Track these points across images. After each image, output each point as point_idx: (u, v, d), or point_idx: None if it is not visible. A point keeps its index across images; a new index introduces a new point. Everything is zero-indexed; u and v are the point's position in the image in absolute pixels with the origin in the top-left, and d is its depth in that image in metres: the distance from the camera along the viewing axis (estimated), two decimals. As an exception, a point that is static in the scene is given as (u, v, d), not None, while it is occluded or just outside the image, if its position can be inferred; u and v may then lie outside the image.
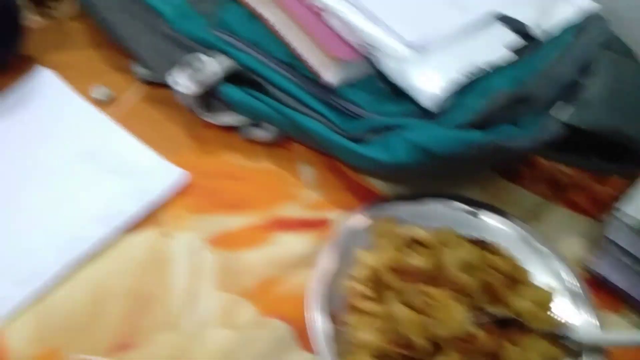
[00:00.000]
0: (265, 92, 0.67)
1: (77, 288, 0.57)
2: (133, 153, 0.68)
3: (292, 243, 0.62)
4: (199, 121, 0.74)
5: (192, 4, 0.75)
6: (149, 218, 0.62)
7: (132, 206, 0.62)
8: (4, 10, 0.70)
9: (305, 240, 0.62)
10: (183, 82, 0.66)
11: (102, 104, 0.75)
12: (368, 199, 0.66)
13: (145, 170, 0.66)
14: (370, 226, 0.60)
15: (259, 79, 0.67)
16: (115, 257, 0.59)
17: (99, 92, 0.75)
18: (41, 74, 0.76)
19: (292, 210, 0.64)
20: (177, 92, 0.68)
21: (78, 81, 0.77)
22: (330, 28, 0.66)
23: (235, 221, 0.63)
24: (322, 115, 0.65)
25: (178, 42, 0.71)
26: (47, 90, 0.75)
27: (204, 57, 0.67)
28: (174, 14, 0.72)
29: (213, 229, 0.62)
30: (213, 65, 0.67)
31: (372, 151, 0.61)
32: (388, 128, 0.61)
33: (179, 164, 0.67)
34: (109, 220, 0.61)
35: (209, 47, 0.70)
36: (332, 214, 0.65)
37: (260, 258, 0.61)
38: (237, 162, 0.69)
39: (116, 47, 0.81)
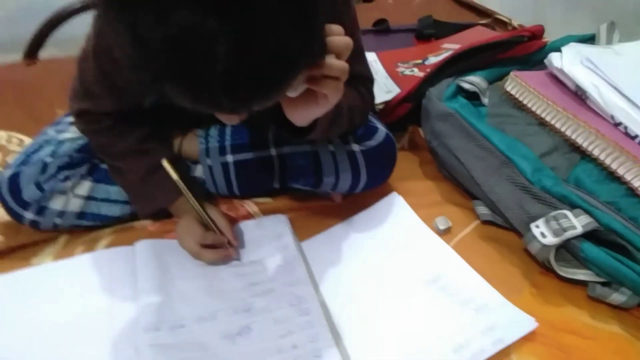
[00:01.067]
0: (629, 256, 0.66)
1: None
2: (476, 287, 0.72)
3: None
4: (536, 268, 0.76)
5: (544, 159, 0.79)
6: (499, 357, 0.64)
7: (482, 342, 0.65)
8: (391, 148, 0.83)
9: None
10: (547, 235, 0.69)
11: (440, 233, 0.82)
12: None
13: (491, 308, 0.69)
14: None
15: (623, 242, 0.67)
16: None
17: (440, 221, 0.83)
18: (392, 198, 0.87)
19: (653, 388, 0.61)
20: (534, 242, 0.71)
21: (419, 208, 0.86)
22: None
23: (588, 383, 0.61)
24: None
25: (532, 193, 0.75)
26: (397, 213, 0.85)
27: (567, 213, 0.70)
28: (528, 167, 0.77)
29: (565, 385, 0.61)
30: (574, 221, 0.69)
31: None
32: None
33: (519, 307, 0.69)
34: (462, 352, 0.64)
35: (564, 202, 0.72)
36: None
37: None
38: (583, 319, 0.69)
39: (455, 185, 0.90)
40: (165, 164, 0.71)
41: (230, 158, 0.81)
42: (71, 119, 0.82)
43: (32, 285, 0.73)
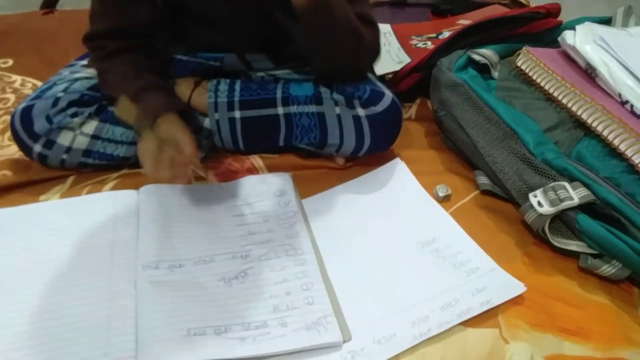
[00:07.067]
0: (624, 230, 0.67)
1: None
2: (469, 252, 0.73)
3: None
4: (530, 239, 0.77)
5: (548, 134, 0.80)
6: (486, 318, 0.65)
7: (470, 302, 0.66)
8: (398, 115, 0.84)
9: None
10: (544, 204, 0.70)
11: (439, 200, 0.83)
12: None
13: (483, 272, 0.70)
14: None
15: (619, 216, 0.68)
16: (453, 346, 0.63)
17: (440, 189, 0.84)
18: (395, 164, 0.88)
19: (635, 357, 0.62)
20: (530, 211, 0.72)
21: (421, 175, 0.87)
22: None
23: (571, 348, 0.63)
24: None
25: (533, 165, 0.76)
26: (398, 178, 0.86)
27: (566, 184, 0.71)
28: (531, 140, 0.78)
29: (547, 349, 0.63)
30: (572, 193, 0.70)
31: None
32: None
33: (511, 274, 0.70)
34: (449, 310, 0.65)
35: (564, 175, 0.73)
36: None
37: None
38: (571, 289, 0.70)
39: (458, 156, 0.91)
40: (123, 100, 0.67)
41: (237, 114, 0.82)
42: (85, 61, 0.83)
43: (39, 219, 0.75)
